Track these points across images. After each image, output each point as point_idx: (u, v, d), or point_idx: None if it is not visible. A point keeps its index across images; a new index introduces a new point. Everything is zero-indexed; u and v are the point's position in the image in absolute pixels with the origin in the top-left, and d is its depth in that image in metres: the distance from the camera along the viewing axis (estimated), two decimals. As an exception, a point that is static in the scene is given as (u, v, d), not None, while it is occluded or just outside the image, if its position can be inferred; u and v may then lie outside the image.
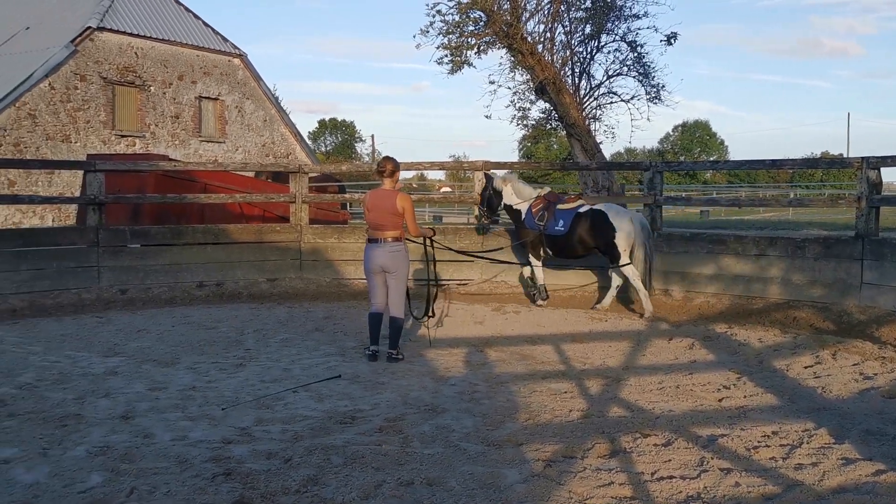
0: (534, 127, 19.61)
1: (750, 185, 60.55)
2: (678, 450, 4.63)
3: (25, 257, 10.25)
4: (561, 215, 10.19)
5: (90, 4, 26.20)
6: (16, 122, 23.10)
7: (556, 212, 10.23)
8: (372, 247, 7.14)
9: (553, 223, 10.18)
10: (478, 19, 16.76)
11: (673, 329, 8.74)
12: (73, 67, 24.55)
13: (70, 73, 24.50)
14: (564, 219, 10.15)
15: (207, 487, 4.02)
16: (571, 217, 10.14)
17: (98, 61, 25.27)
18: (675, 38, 17.23)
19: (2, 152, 22.54)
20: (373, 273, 7.18)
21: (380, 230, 7.12)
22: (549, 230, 10.19)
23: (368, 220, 7.18)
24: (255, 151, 30.66)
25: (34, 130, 23.54)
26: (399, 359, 7.10)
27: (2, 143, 22.72)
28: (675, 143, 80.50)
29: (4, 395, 5.79)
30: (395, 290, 7.19)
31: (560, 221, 10.15)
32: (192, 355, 7.31)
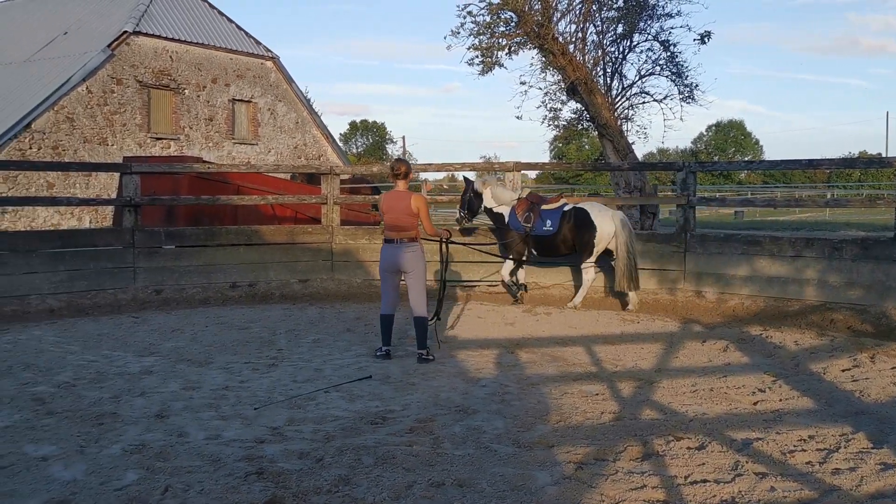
0: (565, 127, 19.48)
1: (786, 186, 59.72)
2: (712, 453, 4.57)
3: (63, 258, 10.44)
4: (547, 215, 10.35)
5: (126, 9, 26.61)
6: (55, 126, 23.52)
7: (541, 212, 10.37)
8: (388, 247, 7.21)
9: (541, 224, 10.32)
10: (509, 20, 16.70)
11: (706, 331, 8.65)
12: (109, 71, 24.95)
13: (107, 77, 24.89)
14: (552, 219, 10.31)
15: (240, 486, 4.06)
16: (559, 216, 10.29)
17: (134, 65, 25.64)
18: (709, 36, 17.02)
19: (41, 155, 22.97)
20: (388, 273, 7.25)
21: (396, 231, 7.19)
22: (538, 231, 10.33)
23: (385, 221, 7.24)
24: (287, 153, 30.90)
25: (72, 133, 23.96)
26: (430, 359, 7.12)
27: (41, 146, 23.15)
28: (708, 142, 79.65)
29: (43, 394, 5.90)
30: (416, 290, 7.25)
31: (548, 221, 10.31)
32: (226, 355, 7.38)
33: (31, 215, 22.99)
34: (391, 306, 7.31)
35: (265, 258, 11.78)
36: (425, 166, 14.28)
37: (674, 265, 10.73)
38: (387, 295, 7.32)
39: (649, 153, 70.91)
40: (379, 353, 7.22)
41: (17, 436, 4.89)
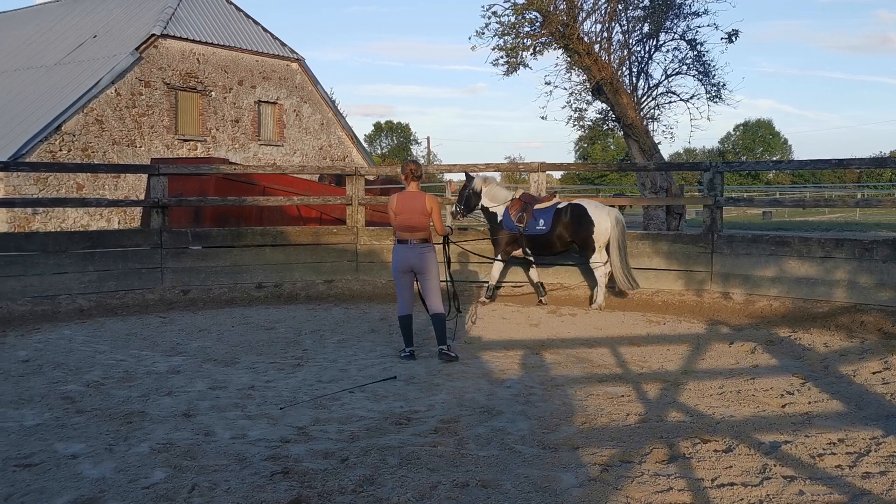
0: (590, 128, 19.42)
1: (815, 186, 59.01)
2: (739, 456, 4.53)
3: (93, 259, 10.58)
4: (540, 214, 10.41)
5: (154, 12, 26.91)
6: (84, 128, 23.85)
7: (534, 212, 10.42)
8: (402, 248, 7.24)
9: (534, 223, 10.39)
10: (533, 20, 16.68)
11: (734, 333, 8.56)
12: (137, 74, 25.24)
13: (135, 80, 25.19)
14: (545, 217, 10.38)
15: (266, 485, 4.08)
16: (551, 215, 10.35)
17: (161, 67, 25.92)
18: (737, 35, 16.87)
19: (71, 157, 23.29)
20: (403, 273, 7.30)
21: (409, 231, 7.22)
22: (531, 230, 10.39)
23: (397, 221, 7.24)
24: (312, 154, 31.06)
25: (101, 135, 24.27)
26: (453, 356, 7.15)
27: (71, 147, 23.48)
28: (736, 142, 78.95)
29: (73, 392, 5.98)
30: (431, 289, 7.32)
31: (541, 220, 10.38)
32: (251, 355, 7.44)
33: (62, 216, 23.32)
34: (409, 306, 7.33)
35: (290, 259, 11.84)
36: (450, 167, 14.29)
37: (700, 266, 10.64)
38: (403, 295, 7.35)
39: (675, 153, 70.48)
40: (403, 354, 7.24)
41: (48, 434, 4.96)
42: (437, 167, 26.13)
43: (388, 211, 7.39)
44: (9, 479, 4.19)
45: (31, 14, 33.75)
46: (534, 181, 11.90)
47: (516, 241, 10.58)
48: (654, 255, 10.93)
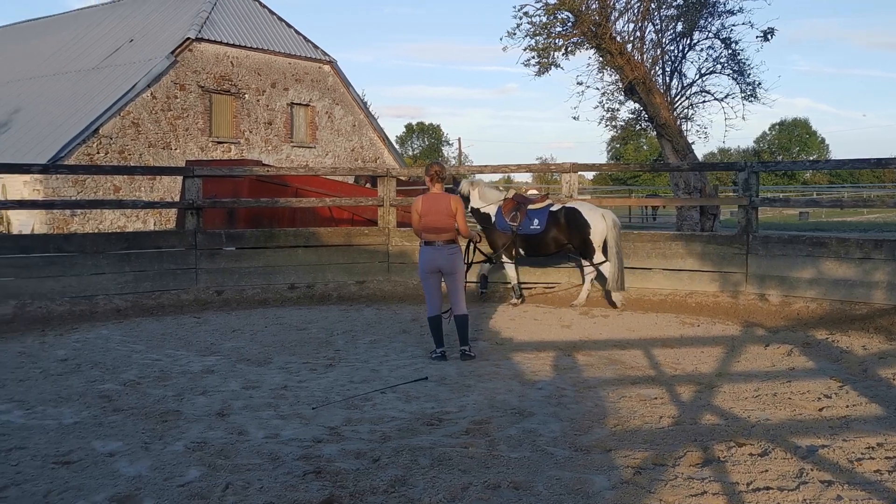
0: (623, 128, 19.28)
1: (853, 186, 58.02)
2: (775, 460, 4.46)
3: (129, 259, 10.73)
4: (535, 215, 10.45)
5: (189, 16, 27.26)
6: (121, 131, 24.22)
7: (528, 212, 10.45)
8: (428, 249, 7.25)
9: (528, 223, 10.43)
10: (565, 20, 16.60)
11: (769, 335, 8.44)
12: (173, 77, 25.58)
13: (170, 83, 25.53)
14: (539, 218, 10.42)
15: (298, 485, 4.11)
16: (546, 215, 10.40)
17: (196, 71, 26.24)
18: (773, 33, 16.63)
19: (108, 159, 23.68)
20: (430, 274, 7.32)
21: (435, 233, 7.23)
22: (525, 230, 10.43)
23: (423, 223, 7.24)
24: (344, 156, 31.23)
25: (137, 138, 24.64)
26: (472, 356, 7.21)
27: (108, 150, 23.87)
28: (772, 142, 77.92)
29: (110, 391, 6.08)
30: (457, 290, 7.36)
31: (535, 221, 10.42)
32: (284, 355, 7.50)
33: (99, 218, 23.71)
34: (438, 307, 7.35)
35: (323, 260, 11.92)
36: (481, 168, 14.27)
37: (735, 267, 10.50)
38: (431, 296, 7.36)
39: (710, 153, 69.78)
40: (435, 356, 7.25)
41: (86, 432, 5.04)
42: (468, 168, 26.11)
43: (412, 213, 7.39)
44: (48, 476, 4.27)
45: (69, 19, 34.38)
46: (565, 182, 11.84)
47: (511, 241, 10.63)
48: (687, 256, 10.82)
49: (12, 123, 26.30)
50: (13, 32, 36.24)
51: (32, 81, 29.09)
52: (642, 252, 11.11)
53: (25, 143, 24.33)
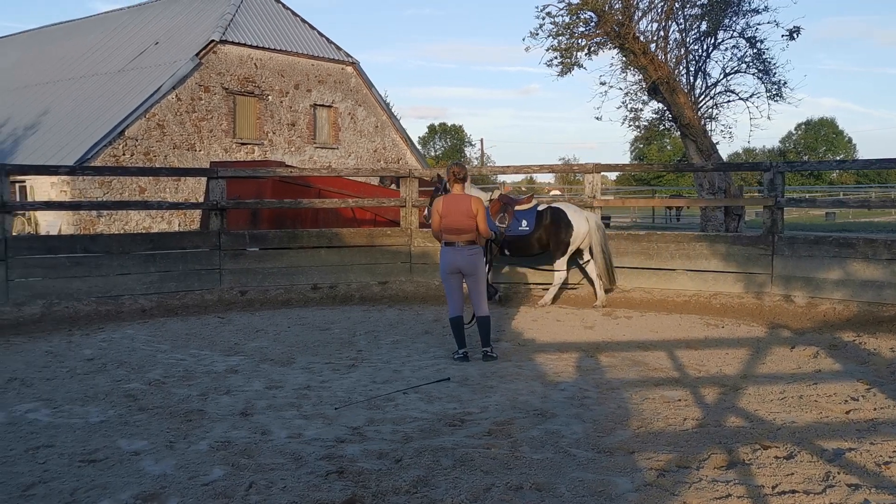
0: (646, 128, 19.16)
1: (881, 186, 57.22)
2: (801, 463, 4.41)
3: (154, 260, 10.84)
4: (522, 216, 10.49)
5: (213, 19, 27.49)
6: (146, 132, 24.48)
7: (516, 213, 10.48)
8: (449, 250, 7.26)
9: (516, 223, 10.46)
10: (588, 20, 16.53)
11: (795, 337, 8.35)
12: (197, 79, 25.81)
13: (195, 85, 25.76)
14: (528, 218, 10.48)
15: (321, 485, 4.13)
16: (534, 216, 10.47)
17: (220, 73, 26.46)
18: (798, 32, 16.46)
19: (134, 161, 23.94)
20: (451, 275, 7.32)
21: (456, 234, 7.24)
22: (514, 231, 10.46)
23: (444, 224, 7.23)
24: (367, 157, 31.33)
25: (162, 140, 24.88)
26: (494, 357, 7.20)
27: (134, 152, 24.13)
28: (797, 142, 77.11)
29: (135, 391, 6.14)
30: (478, 291, 7.36)
31: (523, 221, 10.47)
32: (307, 355, 7.53)
33: (125, 219, 23.97)
34: (459, 308, 7.35)
35: (345, 260, 11.96)
36: (503, 168, 14.26)
37: (760, 268, 10.40)
38: (453, 297, 7.36)
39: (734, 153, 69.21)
40: (457, 356, 7.24)
41: (112, 431, 5.10)
42: (490, 169, 26.08)
43: (432, 213, 7.39)
44: (75, 473, 4.32)
45: (96, 22, 34.80)
46: (588, 182, 11.79)
47: (495, 242, 10.59)
48: (711, 257, 10.73)
49: (40, 125, 26.68)
50: (42, 36, 36.75)
51: (60, 84, 29.49)
52: (665, 253, 11.04)
53: (53, 144, 24.67)
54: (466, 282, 7.39)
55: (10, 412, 5.54)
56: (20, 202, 19.26)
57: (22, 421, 5.32)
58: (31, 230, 23.16)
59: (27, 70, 32.65)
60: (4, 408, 5.65)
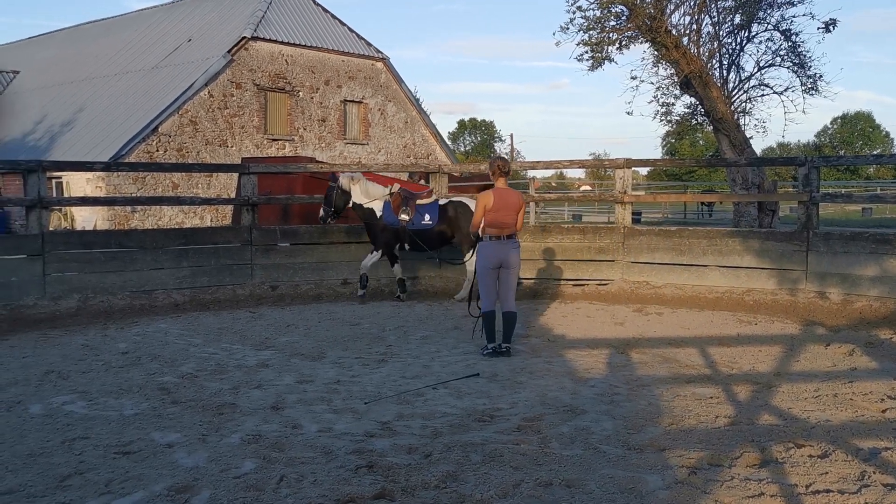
0: (678, 122, 18.95)
1: (919, 181, 56.01)
2: (836, 462, 4.34)
3: (187, 255, 10.97)
4: (425, 209, 10.47)
5: (245, 16, 27.70)
6: (179, 129, 24.76)
7: (417, 206, 10.45)
8: (495, 244, 7.25)
9: (419, 217, 10.43)
10: (619, 14, 16.38)
11: (830, 334, 8.22)
12: (229, 76, 26.04)
13: (227, 82, 25.99)
14: (430, 213, 10.46)
15: (351, 479, 4.15)
16: (436, 210, 10.45)
17: (252, 69, 26.66)
18: (835, 24, 16.15)
19: (167, 157, 24.23)
20: (493, 269, 7.31)
21: (501, 228, 7.24)
22: (417, 225, 10.43)
23: (492, 218, 7.21)
24: (396, 153, 31.39)
25: (195, 136, 25.15)
26: (510, 354, 7.22)
27: (167, 148, 24.42)
28: (833, 136, 75.88)
29: (168, 384, 6.22)
30: (511, 286, 7.39)
31: (426, 215, 10.44)
32: (337, 350, 7.57)
33: (158, 214, 24.28)
34: (493, 303, 7.35)
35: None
36: (533, 164, 14.21)
37: (795, 265, 10.26)
38: (490, 292, 7.35)
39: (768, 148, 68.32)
40: (486, 352, 7.23)
41: (145, 423, 5.17)
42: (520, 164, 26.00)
43: (478, 207, 7.33)
44: (109, 465, 4.39)
45: (131, 20, 35.24)
46: (619, 177, 11.71)
47: (397, 236, 10.60)
48: (744, 253, 10.61)
49: (76, 122, 27.10)
50: (78, 34, 37.32)
51: (96, 81, 29.92)
52: (697, 249, 10.93)
53: (88, 141, 25.06)
54: (502, 276, 7.37)
55: (48, 404, 5.64)
56: (56, 198, 19.58)
57: (59, 413, 5.42)
58: (68, 225, 23.56)
59: (64, 67, 33.17)
60: (42, 400, 5.76)
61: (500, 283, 7.40)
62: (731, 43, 17.25)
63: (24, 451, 4.63)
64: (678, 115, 18.57)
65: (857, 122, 75.88)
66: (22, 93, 33.08)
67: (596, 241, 11.62)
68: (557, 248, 11.75)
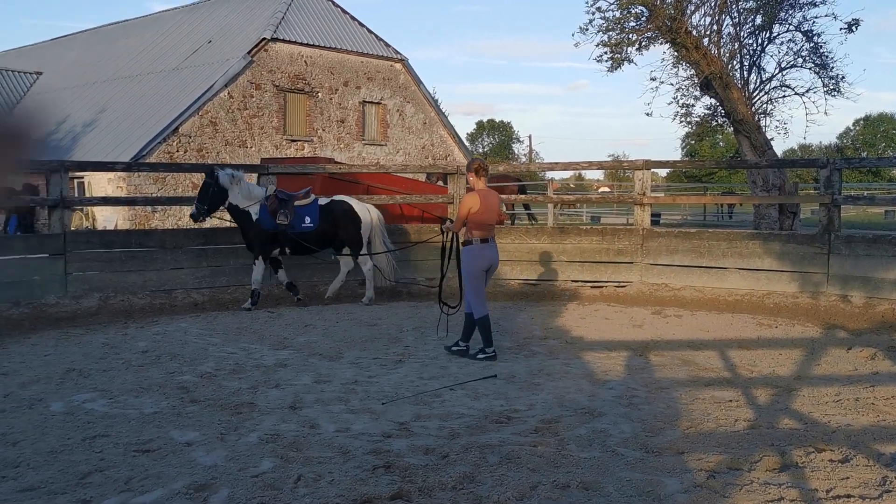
0: (698, 124, 18.86)
1: (943, 183, 55.32)
2: (857, 467, 4.30)
3: (206, 255, 11.04)
4: (305, 212, 10.18)
5: (265, 17, 27.84)
6: (199, 129, 24.92)
7: (297, 209, 10.16)
8: (485, 247, 7.23)
9: (299, 220, 10.13)
10: (639, 14, 16.31)
11: (852, 338, 8.14)
12: (249, 77, 26.17)
13: (246, 83, 26.13)
14: (310, 214, 10.19)
15: (368, 479, 4.16)
16: (317, 211, 10.21)
17: (271, 70, 26.79)
18: (857, 25, 15.99)
19: (187, 157, 24.39)
20: (482, 272, 7.27)
21: (486, 230, 7.24)
22: (297, 228, 10.12)
23: (478, 220, 7.14)
24: (415, 154, 31.42)
25: (215, 136, 25.30)
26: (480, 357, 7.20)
27: (187, 148, 24.59)
28: (856, 138, 75.12)
29: (188, 383, 6.26)
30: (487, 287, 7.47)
31: (306, 218, 10.17)
32: (355, 350, 7.59)
33: (178, 214, 24.42)
34: (486, 305, 7.33)
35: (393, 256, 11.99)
36: (552, 165, 14.17)
37: (816, 268, 10.16)
38: (481, 296, 7.26)
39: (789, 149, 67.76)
40: (483, 356, 7.11)
41: (165, 422, 5.21)
42: (539, 165, 25.93)
43: (461, 209, 7.22)
44: (129, 463, 4.42)
45: (152, 21, 35.51)
46: (638, 179, 11.66)
47: (276, 240, 10.23)
48: (765, 256, 10.52)
49: (98, 122, 27.34)
50: (100, 35, 37.64)
51: (117, 82, 30.17)
52: (717, 251, 10.86)
53: (110, 141, 25.27)
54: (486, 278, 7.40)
55: (69, 402, 5.70)
56: (78, 197, 19.76)
57: (79, 410, 5.47)
58: (89, 225, 23.78)
59: (86, 69, 33.47)
60: (63, 397, 5.82)
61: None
62: (752, 44, 17.15)
63: (46, 448, 4.68)
64: (698, 116, 18.49)
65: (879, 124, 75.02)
66: (45, 93, 33.41)
67: (614, 243, 11.57)
68: (576, 250, 11.71)
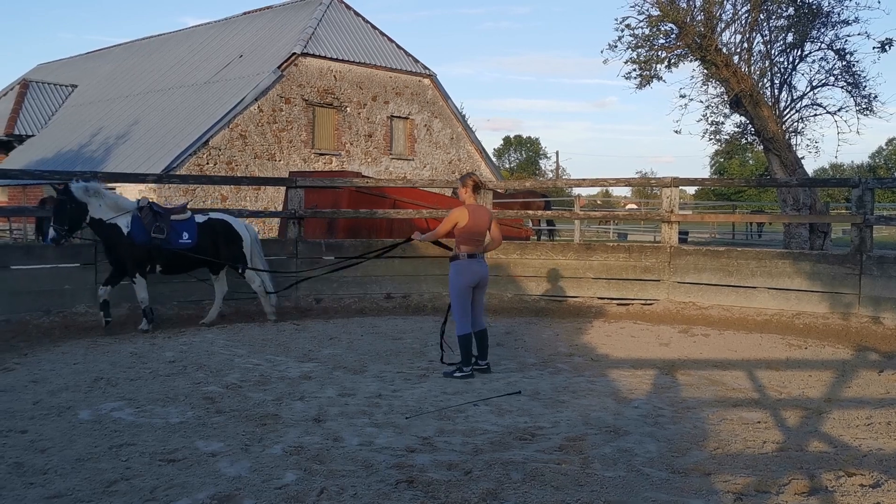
0: (727, 141, 18.69)
1: (978, 204, 54.35)
2: (888, 492, 4.21)
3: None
4: (182, 227, 9.64)
5: (295, 32, 28.16)
6: (229, 142, 25.21)
7: (173, 224, 9.59)
8: (473, 262, 7.18)
9: (176, 236, 9.53)
10: (669, 32, 16.24)
11: (884, 360, 7.99)
12: (278, 91, 26.46)
13: (276, 97, 26.41)
14: (188, 231, 9.67)
15: (391, 493, 4.14)
16: (195, 228, 9.72)
17: (301, 85, 27.06)
18: (891, 44, 15.79)
19: (217, 170, 24.67)
20: (471, 288, 7.19)
21: (477, 245, 7.21)
22: (174, 244, 9.52)
23: (468, 236, 7.12)
24: (442, 168, 31.51)
25: (244, 150, 25.58)
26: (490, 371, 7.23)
27: (217, 161, 24.88)
28: (888, 157, 74.17)
29: (213, 393, 6.30)
30: (483, 303, 7.45)
31: (184, 234, 9.61)
32: (379, 364, 7.59)
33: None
34: (469, 324, 7.23)
35: (419, 271, 12.03)
36: (579, 181, 14.14)
37: (847, 288, 10.02)
38: (465, 312, 7.17)
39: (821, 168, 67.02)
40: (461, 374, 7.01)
41: (190, 432, 5.24)
42: (566, 181, 25.86)
43: (446, 223, 7.21)
44: (154, 472, 4.45)
45: (185, 36, 36.06)
46: (666, 196, 11.58)
47: (149, 256, 9.48)
48: (795, 276, 10.39)
49: (131, 135, 27.76)
50: (134, 49, 38.30)
51: (150, 95, 30.65)
52: (746, 270, 10.75)
53: (142, 153, 25.63)
54: (476, 295, 7.28)
55: (96, 410, 5.75)
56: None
57: (107, 419, 5.52)
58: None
59: (120, 82, 34.05)
60: (91, 406, 5.88)
61: (474, 303, 7.28)
62: (783, 62, 17.00)
63: (73, 455, 4.72)
64: (727, 133, 18.32)
65: (913, 144, 74.04)
66: (79, 106, 34.01)
67: (641, 260, 11.50)
68: (602, 267, 11.66)
